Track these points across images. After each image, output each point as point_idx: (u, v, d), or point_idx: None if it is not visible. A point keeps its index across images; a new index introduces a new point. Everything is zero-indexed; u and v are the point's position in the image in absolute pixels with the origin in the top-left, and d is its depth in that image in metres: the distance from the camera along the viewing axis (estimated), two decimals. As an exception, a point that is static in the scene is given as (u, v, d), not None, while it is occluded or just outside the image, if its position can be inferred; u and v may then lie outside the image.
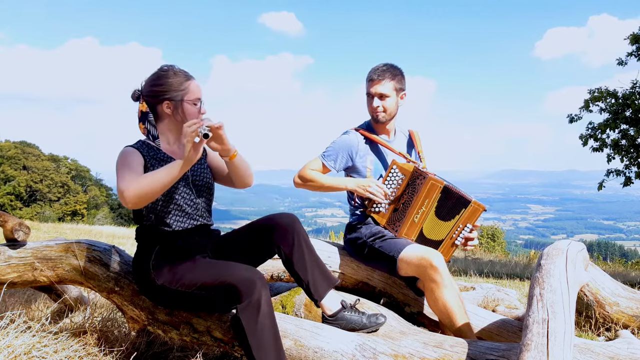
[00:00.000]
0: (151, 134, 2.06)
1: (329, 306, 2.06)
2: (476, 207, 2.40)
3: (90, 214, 37.75)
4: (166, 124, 2.06)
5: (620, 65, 12.33)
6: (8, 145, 37.18)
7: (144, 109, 2.04)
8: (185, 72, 2.05)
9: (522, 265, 10.80)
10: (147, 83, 2.04)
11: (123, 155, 1.94)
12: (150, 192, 1.78)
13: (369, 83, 2.57)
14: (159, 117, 2.05)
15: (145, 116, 2.05)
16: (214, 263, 1.97)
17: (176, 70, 2.04)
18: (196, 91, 2.04)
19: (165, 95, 2.00)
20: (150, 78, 2.04)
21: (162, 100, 2.00)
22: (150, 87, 2.02)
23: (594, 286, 2.81)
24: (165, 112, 2.02)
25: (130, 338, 2.24)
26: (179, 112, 2.01)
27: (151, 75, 2.06)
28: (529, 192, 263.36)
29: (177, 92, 2.00)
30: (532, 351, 1.51)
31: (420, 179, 2.41)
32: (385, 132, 2.68)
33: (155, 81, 2.02)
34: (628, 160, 12.46)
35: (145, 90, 2.04)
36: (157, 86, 2.00)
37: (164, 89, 2.00)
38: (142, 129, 2.06)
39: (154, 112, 2.05)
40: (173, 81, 2.00)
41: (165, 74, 2.02)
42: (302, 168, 2.65)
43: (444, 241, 2.45)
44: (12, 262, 2.20)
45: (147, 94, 2.03)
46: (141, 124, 2.06)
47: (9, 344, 1.86)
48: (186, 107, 2.01)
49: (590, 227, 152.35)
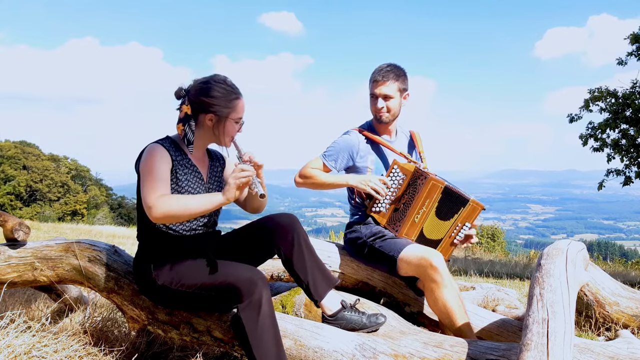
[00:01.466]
0: (187, 137, 2.01)
1: (329, 306, 2.06)
2: (475, 205, 2.40)
3: (90, 214, 37.75)
4: (201, 133, 2.04)
5: (620, 65, 12.33)
6: (8, 145, 37.17)
7: (189, 112, 2.00)
8: (236, 90, 2.03)
9: (522, 265, 10.81)
10: (198, 90, 1.99)
11: (152, 156, 1.92)
12: (179, 215, 1.84)
13: (373, 84, 2.57)
14: (197, 124, 2.03)
15: (187, 119, 2.01)
16: (215, 263, 1.97)
17: (229, 85, 2.01)
18: (241, 111, 2.03)
19: (212, 109, 1.98)
20: (202, 86, 2.00)
21: (208, 112, 1.98)
22: (200, 95, 1.98)
23: (594, 286, 2.81)
24: (207, 123, 2.01)
25: (130, 338, 2.24)
26: (220, 127, 2.00)
27: (204, 82, 2.01)
28: (529, 192, 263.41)
29: (225, 109, 1.98)
30: (532, 351, 1.51)
31: (421, 179, 2.41)
32: (387, 132, 2.68)
33: (207, 92, 1.98)
34: (628, 160, 12.46)
35: (193, 96, 2.00)
36: (208, 97, 1.97)
37: (213, 102, 1.97)
38: (180, 130, 2.02)
39: (195, 118, 2.02)
40: (224, 96, 1.98)
41: (218, 87, 1.99)
42: (303, 167, 2.65)
43: (443, 240, 2.45)
44: (12, 261, 2.20)
45: (195, 101, 1.99)
46: (181, 124, 2.02)
47: (9, 344, 1.86)
48: (228, 125, 2.00)
49: (590, 227, 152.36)
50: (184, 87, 2.04)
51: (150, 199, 1.82)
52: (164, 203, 1.81)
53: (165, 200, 1.82)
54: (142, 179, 1.89)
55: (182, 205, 1.84)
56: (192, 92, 2.01)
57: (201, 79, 2.04)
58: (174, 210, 1.82)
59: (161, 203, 1.81)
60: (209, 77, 2.03)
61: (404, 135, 2.79)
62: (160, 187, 1.86)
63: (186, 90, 2.03)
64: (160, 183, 1.86)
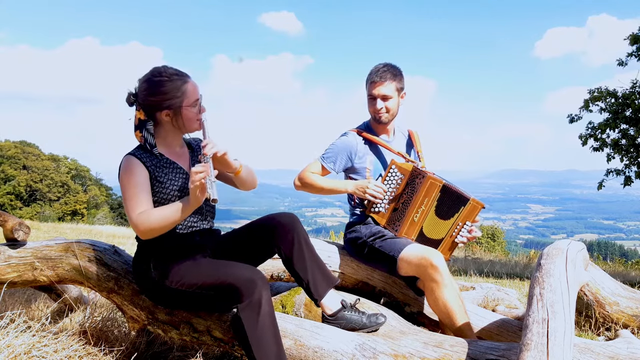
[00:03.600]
0: (148, 142, 1.98)
1: (329, 306, 2.06)
2: (475, 204, 2.40)
3: (90, 214, 37.75)
4: (166, 130, 2.02)
5: (620, 65, 12.33)
6: (8, 145, 37.16)
7: (142, 117, 1.97)
8: (180, 74, 1.96)
9: (522, 265, 10.80)
10: (143, 91, 1.95)
11: (128, 171, 1.90)
12: (160, 227, 1.85)
13: (370, 85, 2.57)
14: (158, 123, 2.00)
15: (142, 124, 1.97)
16: (215, 263, 1.97)
17: (170, 73, 1.95)
18: (194, 93, 1.97)
19: (164, 104, 1.93)
20: (145, 86, 1.95)
21: (160, 109, 1.95)
22: (147, 96, 1.94)
23: (594, 286, 2.81)
24: (165, 120, 1.98)
25: (130, 338, 2.24)
26: (179, 119, 1.97)
27: (145, 81, 1.96)
28: (529, 191, 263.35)
29: (174, 100, 1.93)
30: (532, 351, 1.51)
31: (419, 178, 2.41)
32: (385, 132, 2.68)
33: (151, 90, 1.93)
34: (628, 159, 12.47)
35: (141, 99, 1.96)
36: (154, 95, 1.93)
37: (161, 98, 1.93)
38: (139, 137, 1.99)
39: (153, 118, 1.99)
40: (169, 88, 1.93)
41: (160, 81, 1.93)
42: (302, 171, 2.65)
43: (444, 240, 2.46)
44: (12, 261, 2.20)
45: (144, 103, 1.96)
46: (138, 131, 1.98)
47: (9, 344, 1.86)
48: (185, 114, 1.96)
49: (590, 226, 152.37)
50: (132, 92, 1.99)
51: (132, 218, 1.85)
52: (144, 221, 1.83)
53: (145, 217, 1.83)
54: (123, 198, 1.91)
55: (159, 218, 1.83)
56: (139, 95, 1.97)
57: (143, 77, 1.98)
58: (153, 225, 1.83)
59: (142, 221, 1.83)
60: (149, 74, 1.97)
61: (402, 134, 2.79)
62: (138, 203, 1.86)
63: (134, 95, 1.99)
64: (139, 198, 1.87)
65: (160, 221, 1.83)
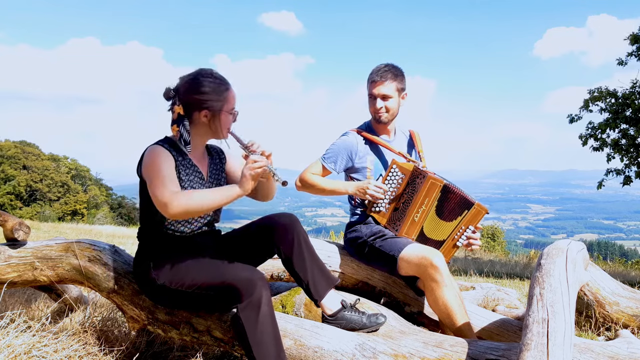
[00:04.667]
0: (183, 138, 1.98)
1: (329, 306, 2.06)
2: (479, 209, 2.41)
3: (90, 214, 37.76)
4: (198, 130, 2.02)
5: (620, 65, 12.33)
6: (8, 145, 37.16)
7: (182, 112, 1.98)
8: (225, 81, 2.01)
9: (522, 265, 10.81)
10: (187, 88, 1.97)
11: (156, 157, 1.90)
12: (198, 209, 1.82)
13: (371, 84, 2.57)
14: (192, 122, 2.01)
15: (181, 120, 1.98)
16: (215, 263, 1.97)
17: (217, 77, 1.99)
18: (233, 101, 2.01)
19: (205, 105, 1.96)
20: (190, 83, 1.97)
21: (201, 108, 1.96)
22: (191, 93, 1.96)
23: (594, 286, 2.81)
24: (202, 120, 1.99)
25: (130, 338, 2.24)
26: (216, 122, 1.98)
27: (192, 78, 1.98)
28: (529, 191, 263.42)
29: (217, 103, 1.96)
30: (532, 351, 1.51)
31: (420, 178, 2.42)
32: (385, 132, 2.68)
33: (197, 88, 1.95)
34: (628, 159, 12.47)
35: (183, 95, 1.97)
36: (199, 94, 1.95)
37: (205, 97, 1.95)
38: (175, 131, 1.99)
39: (190, 117, 1.99)
40: (214, 90, 1.96)
41: (206, 82, 1.96)
42: (303, 172, 2.66)
43: (446, 242, 2.46)
44: (12, 261, 2.20)
45: (185, 100, 1.97)
46: (175, 126, 1.99)
47: (9, 344, 1.86)
48: (223, 118, 1.98)
49: (590, 226, 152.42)
50: (172, 87, 2.01)
51: (163, 196, 1.80)
52: (180, 198, 1.79)
53: (181, 195, 1.80)
54: (149, 180, 1.86)
55: (198, 199, 1.82)
56: (181, 91, 1.98)
57: (187, 75, 2.00)
58: (191, 205, 1.80)
59: (178, 199, 1.79)
60: (196, 73, 2.00)
61: (403, 134, 2.79)
62: (172, 182, 1.85)
63: (175, 90, 2.00)
64: (170, 180, 1.85)
65: (200, 203, 1.81)
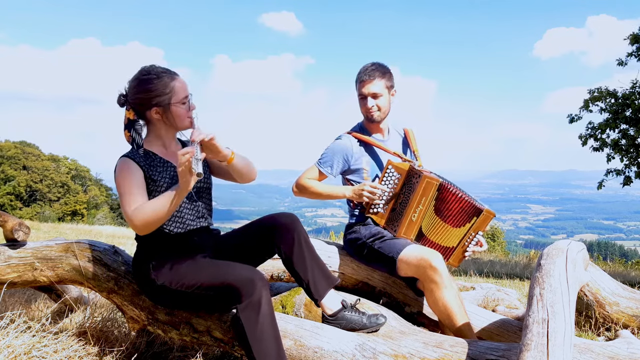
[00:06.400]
0: (136, 142, 1.98)
1: (329, 306, 2.06)
2: (487, 214, 2.39)
3: (90, 214, 37.76)
4: (158, 128, 2.03)
5: (620, 65, 12.33)
6: (8, 145, 37.17)
7: (132, 117, 1.99)
8: (168, 72, 1.98)
9: (522, 265, 10.80)
10: (132, 90, 1.98)
11: (122, 171, 1.91)
12: (155, 220, 1.81)
13: (360, 84, 2.58)
14: (149, 122, 2.02)
15: (132, 124, 1.99)
16: (214, 263, 1.97)
17: (158, 71, 1.97)
18: (183, 89, 1.98)
19: (152, 102, 1.95)
20: (134, 84, 1.97)
21: (149, 107, 1.96)
22: (135, 94, 1.96)
23: (594, 286, 2.81)
24: (155, 118, 1.99)
25: (130, 338, 2.24)
26: (169, 116, 1.98)
27: (133, 80, 1.98)
28: (529, 192, 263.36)
29: (163, 97, 1.95)
30: (532, 351, 1.51)
31: (415, 177, 2.41)
32: (379, 131, 2.68)
33: (139, 88, 1.95)
34: (628, 159, 12.48)
35: (130, 98, 1.98)
36: (142, 93, 1.94)
37: (149, 95, 1.94)
38: (127, 136, 1.99)
39: (143, 117, 2.00)
40: (157, 85, 1.94)
41: (147, 79, 1.95)
42: (299, 177, 2.66)
43: (457, 248, 2.45)
44: (12, 262, 2.20)
45: (133, 102, 1.97)
46: (127, 131, 1.99)
47: (9, 344, 1.86)
48: (174, 110, 1.97)
49: (590, 227, 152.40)
50: (123, 92, 2.01)
51: (127, 214, 1.84)
52: (138, 215, 1.81)
53: (139, 211, 1.82)
54: (118, 194, 1.90)
55: (150, 210, 1.81)
56: (129, 94, 1.99)
57: (131, 77, 2.00)
58: (148, 217, 1.80)
59: (136, 215, 1.81)
60: (137, 73, 1.99)
61: (397, 133, 2.78)
62: (133, 199, 1.85)
63: (124, 95, 2.00)
64: (134, 195, 1.86)
65: (153, 212, 1.80)
